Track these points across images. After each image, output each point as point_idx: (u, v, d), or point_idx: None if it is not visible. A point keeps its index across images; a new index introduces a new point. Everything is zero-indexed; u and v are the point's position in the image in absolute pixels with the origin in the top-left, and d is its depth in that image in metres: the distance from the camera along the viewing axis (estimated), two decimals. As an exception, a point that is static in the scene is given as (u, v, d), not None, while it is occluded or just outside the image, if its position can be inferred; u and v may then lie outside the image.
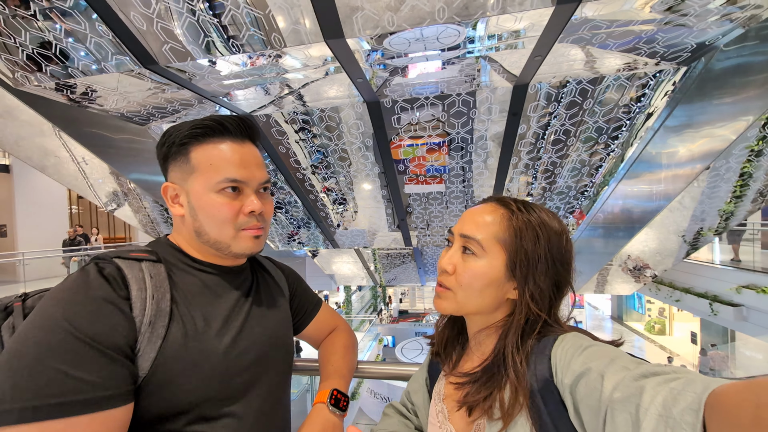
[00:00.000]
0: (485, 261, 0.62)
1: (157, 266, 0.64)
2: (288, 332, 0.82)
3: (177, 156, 0.68)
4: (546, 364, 0.55)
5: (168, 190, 0.69)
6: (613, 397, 0.44)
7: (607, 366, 0.48)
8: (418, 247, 4.64)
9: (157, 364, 0.58)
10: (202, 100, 2.13)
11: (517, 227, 0.61)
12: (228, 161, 0.66)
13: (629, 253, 4.31)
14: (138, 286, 0.60)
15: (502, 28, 1.55)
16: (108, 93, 1.94)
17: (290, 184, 3.35)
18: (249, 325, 0.71)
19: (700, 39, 1.69)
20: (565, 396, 0.51)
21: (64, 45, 1.54)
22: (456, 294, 0.64)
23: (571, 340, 0.56)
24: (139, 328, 0.58)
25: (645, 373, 0.44)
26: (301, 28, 1.49)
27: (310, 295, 0.95)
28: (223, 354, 0.64)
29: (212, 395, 0.62)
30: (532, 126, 2.49)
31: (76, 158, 2.79)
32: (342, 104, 2.41)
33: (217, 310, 0.67)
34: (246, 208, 0.68)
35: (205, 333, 0.64)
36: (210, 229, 0.67)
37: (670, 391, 0.40)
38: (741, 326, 5.81)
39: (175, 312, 0.62)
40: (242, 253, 0.71)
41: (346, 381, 0.87)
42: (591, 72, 2.05)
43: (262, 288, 0.80)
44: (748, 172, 2.66)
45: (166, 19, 1.43)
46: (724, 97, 2.16)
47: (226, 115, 0.69)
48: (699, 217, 3.24)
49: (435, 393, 0.72)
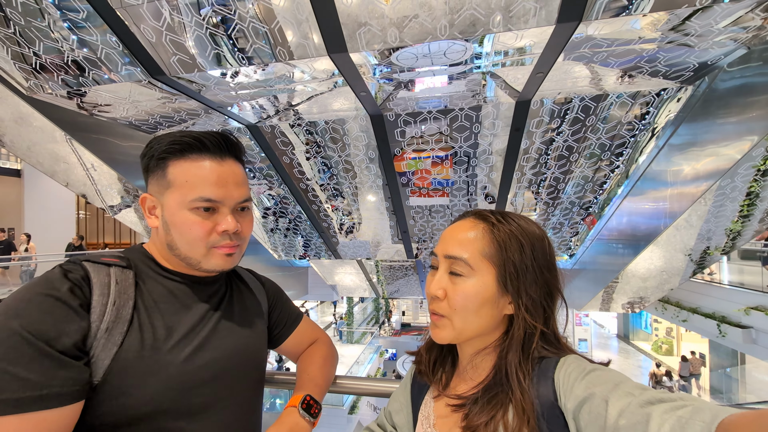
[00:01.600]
0: (475, 280, 0.59)
1: (125, 272, 0.64)
2: (261, 346, 0.80)
3: (155, 169, 0.68)
4: (549, 387, 0.53)
5: (146, 201, 0.70)
6: (618, 425, 0.43)
7: (612, 391, 0.46)
8: (421, 260, 4.62)
9: (110, 371, 0.57)
10: (209, 110, 2.17)
11: (500, 239, 0.59)
12: (204, 179, 0.66)
13: (635, 273, 4.25)
14: (101, 291, 0.60)
15: (506, 45, 1.57)
16: (118, 102, 1.99)
17: (294, 194, 3.37)
18: (215, 338, 0.69)
19: (703, 59, 1.70)
20: (569, 420, 0.50)
21: (77, 56, 1.58)
22: (452, 320, 0.60)
23: (573, 363, 0.54)
24: (94, 333, 0.57)
25: (651, 400, 0.43)
26: (307, 42, 1.52)
27: (291, 308, 0.93)
28: (181, 365, 0.63)
29: (168, 407, 0.61)
30: (536, 141, 2.50)
31: (85, 164, 2.84)
32: (346, 117, 2.44)
33: (181, 320, 0.67)
34: (220, 227, 0.67)
35: (165, 343, 0.63)
36: (181, 245, 0.67)
37: (677, 419, 0.39)
38: (750, 349, 5.66)
39: (135, 320, 0.62)
40: (212, 269, 0.70)
41: (321, 390, 0.86)
42: (595, 89, 2.06)
43: (235, 300, 0.78)
44: (755, 192, 2.63)
45: (175, 31, 1.47)
46: (729, 117, 2.16)
47: (207, 132, 0.68)
48: (705, 235, 3.19)
49: (422, 417, 0.69)
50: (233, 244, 0.70)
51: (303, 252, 4.61)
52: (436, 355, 0.72)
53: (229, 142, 0.70)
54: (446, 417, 0.64)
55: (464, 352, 0.66)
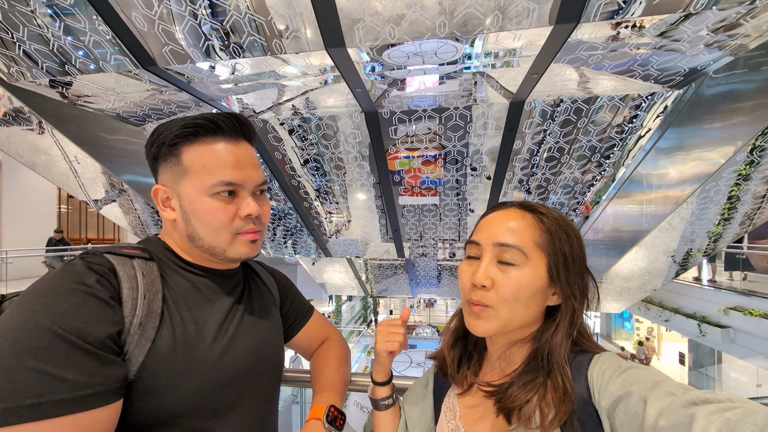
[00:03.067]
0: (529, 269, 0.57)
1: (149, 264, 0.61)
2: (279, 341, 0.78)
3: (167, 157, 0.64)
4: (583, 383, 0.52)
5: (159, 192, 0.66)
6: (658, 425, 0.41)
7: (651, 390, 0.44)
8: (411, 259, 4.63)
9: (143, 368, 0.54)
10: (199, 103, 2.13)
11: (551, 230, 0.58)
12: (222, 162, 0.63)
13: (618, 274, 4.34)
14: (129, 284, 0.56)
15: (500, 45, 1.57)
16: (105, 92, 1.93)
17: (285, 191, 3.34)
18: (240, 333, 0.67)
19: (692, 64, 1.74)
20: (603, 419, 0.48)
21: (63, 42, 1.53)
22: (498, 311, 0.58)
23: (608, 360, 0.53)
24: (128, 328, 0.54)
25: (695, 400, 0.41)
26: (302, 36, 1.50)
27: (302, 301, 0.91)
28: (214, 363, 0.61)
29: (201, 405, 0.59)
30: (527, 142, 2.52)
31: (68, 157, 2.76)
32: (340, 113, 2.42)
33: (209, 316, 0.64)
34: (242, 211, 0.64)
35: (197, 339, 0.60)
36: (204, 234, 0.64)
37: (726, 422, 0.37)
38: (728, 348, 5.85)
39: (166, 314, 0.59)
40: (238, 257, 0.67)
41: (341, 395, 0.83)
42: (585, 92, 2.09)
43: (254, 294, 0.76)
44: (737, 196, 2.71)
45: (167, 21, 1.43)
46: (714, 122, 2.22)
47: (220, 113, 0.65)
48: (688, 238, 3.28)
49: (446, 408, 0.67)
50: (256, 229, 0.67)
51: (292, 249, 4.57)
52: (460, 352, 0.70)
53: (242, 123, 0.67)
54: (474, 407, 0.63)
55: (497, 344, 0.65)
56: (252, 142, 0.71)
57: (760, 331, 5.21)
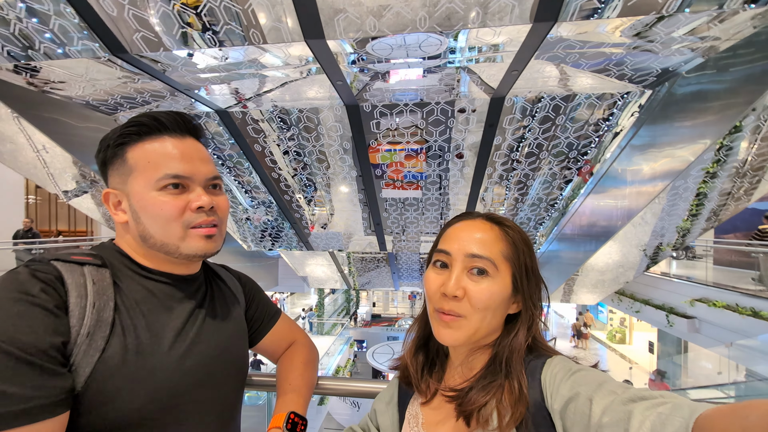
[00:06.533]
0: (499, 280, 0.60)
1: (101, 271, 0.59)
2: (243, 346, 0.77)
3: (113, 159, 0.63)
4: (537, 388, 0.55)
5: (109, 196, 0.64)
6: (602, 422, 0.45)
7: (596, 390, 0.48)
8: (393, 252, 4.65)
9: (93, 378, 0.53)
10: (175, 92, 2.06)
11: (516, 242, 0.62)
12: (167, 156, 0.62)
13: (594, 267, 4.48)
14: (78, 293, 0.54)
15: (482, 41, 1.58)
16: (73, 79, 1.84)
17: (265, 183, 3.28)
18: (201, 339, 0.66)
19: (665, 65, 1.79)
20: (556, 421, 0.51)
21: (25, 25, 1.45)
22: (470, 320, 0.59)
23: (559, 364, 0.56)
24: (75, 339, 0.52)
25: (633, 398, 0.45)
26: (281, 26, 1.46)
27: (268, 305, 0.90)
28: (170, 371, 0.59)
29: (158, 415, 0.58)
30: (507, 138, 2.56)
31: (35, 146, 2.63)
32: (321, 106, 2.39)
33: (167, 322, 0.62)
34: (193, 203, 0.63)
35: (152, 347, 0.59)
36: (155, 231, 0.62)
37: (658, 416, 0.41)
38: (694, 338, 6.14)
39: (117, 323, 0.57)
40: (193, 254, 0.64)
41: (305, 400, 0.82)
42: (564, 89, 2.13)
43: (216, 298, 0.75)
44: (704, 193, 2.82)
45: (139, 6, 1.37)
46: (685, 121, 2.30)
47: (163, 112, 0.65)
48: (659, 232, 3.41)
49: (410, 416, 0.68)
50: (211, 221, 0.65)
51: (273, 243, 4.52)
52: (422, 360, 0.71)
53: (187, 121, 0.66)
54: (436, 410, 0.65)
55: (459, 351, 0.66)
56: (199, 138, 0.69)
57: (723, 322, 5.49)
